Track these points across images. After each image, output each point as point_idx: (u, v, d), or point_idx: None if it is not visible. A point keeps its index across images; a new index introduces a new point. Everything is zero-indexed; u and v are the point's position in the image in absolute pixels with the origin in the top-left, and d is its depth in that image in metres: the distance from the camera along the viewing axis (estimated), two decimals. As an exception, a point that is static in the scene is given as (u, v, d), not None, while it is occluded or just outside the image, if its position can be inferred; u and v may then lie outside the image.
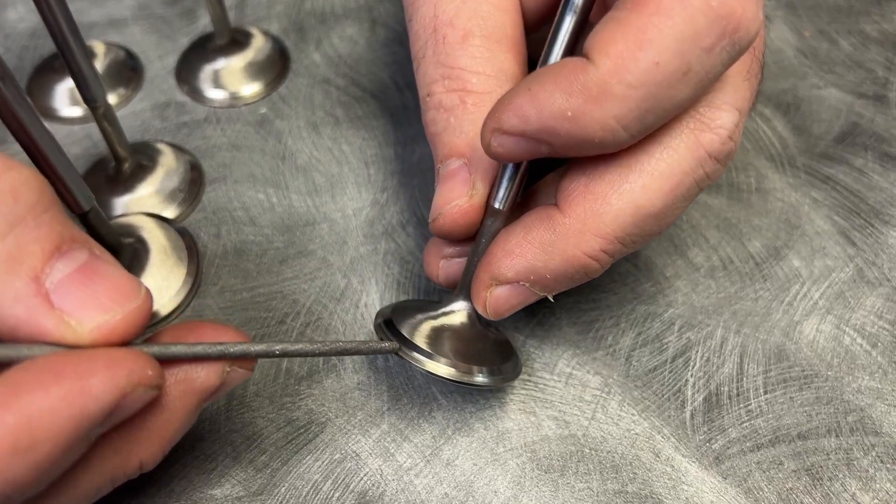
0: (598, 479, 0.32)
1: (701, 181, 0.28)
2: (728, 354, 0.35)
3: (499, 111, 0.26)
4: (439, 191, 0.31)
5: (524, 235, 0.29)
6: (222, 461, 0.32)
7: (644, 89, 0.24)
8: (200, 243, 0.39)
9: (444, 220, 0.31)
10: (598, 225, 0.27)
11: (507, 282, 0.29)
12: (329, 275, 0.38)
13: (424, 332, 0.31)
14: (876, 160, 0.41)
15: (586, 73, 0.24)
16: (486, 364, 0.31)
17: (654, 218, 0.27)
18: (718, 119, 0.27)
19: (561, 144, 0.26)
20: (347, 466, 0.32)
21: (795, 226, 0.39)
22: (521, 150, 0.27)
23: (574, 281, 0.29)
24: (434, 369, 0.29)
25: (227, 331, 0.28)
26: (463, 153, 0.31)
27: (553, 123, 0.25)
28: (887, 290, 0.37)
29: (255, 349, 0.27)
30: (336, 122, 0.44)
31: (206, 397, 0.27)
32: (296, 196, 0.41)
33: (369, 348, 0.30)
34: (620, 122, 0.24)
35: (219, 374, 0.27)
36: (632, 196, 0.27)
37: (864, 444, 0.32)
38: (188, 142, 0.43)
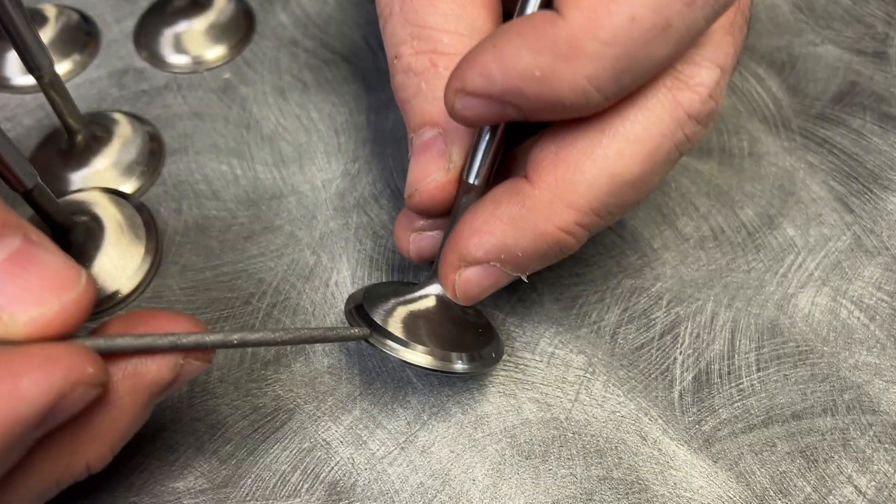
0: (581, 464, 0.30)
1: (681, 144, 0.25)
2: (719, 330, 0.33)
3: (462, 70, 0.24)
4: (413, 164, 0.29)
5: (492, 211, 0.26)
6: (185, 452, 0.31)
7: (619, 47, 0.22)
8: (160, 219, 0.37)
9: (421, 197, 0.29)
10: (570, 196, 0.25)
11: (477, 262, 0.27)
12: (297, 251, 0.35)
13: (399, 318, 0.29)
14: (875, 121, 0.39)
15: (555, 28, 0.22)
16: (466, 349, 0.29)
17: (632, 186, 0.25)
18: (698, 77, 0.25)
19: (529, 107, 0.23)
20: (317, 455, 0.30)
21: (790, 192, 0.37)
22: (488, 113, 0.24)
23: (548, 258, 0.27)
24: (409, 358, 0.28)
25: (182, 319, 0.26)
26: (437, 122, 0.28)
27: (520, 84, 0.23)
28: (886, 259, 0.35)
29: (210, 339, 0.25)
30: (304, 88, 0.41)
31: (159, 392, 0.25)
32: (261, 167, 0.38)
33: (337, 335, 0.28)
34: (593, 82, 0.22)
35: (171, 368, 0.25)
36: (606, 163, 0.25)
37: (861, 423, 0.31)
38: (147, 111, 0.41)
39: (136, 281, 0.34)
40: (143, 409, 0.25)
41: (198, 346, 0.25)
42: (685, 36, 0.23)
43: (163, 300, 0.34)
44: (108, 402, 0.24)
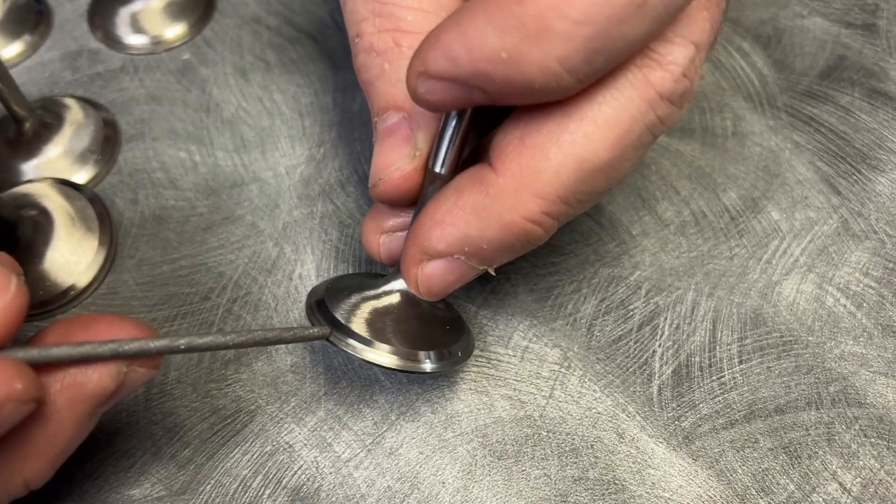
0: (556, 464, 0.29)
1: (653, 127, 0.24)
2: (700, 321, 0.32)
3: (424, 51, 0.22)
4: (378, 151, 0.27)
5: (455, 201, 0.25)
6: (141, 457, 0.29)
7: (592, 26, 0.20)
8: (115, 210, 0.35)
9: (386, 187, 0.27)
10: (536, 184, 0.23)
11: (439, 255, 0.25)
12: (259, 243, 0.34)
13: (363, 315, 0.27)
14: (864, 97, 0.38)
15: (522, 6, 0.20)
16: (434, 346, 0.27)
17: (601, 172, 0.24)
18: (670, 54, 0.23)
19: (497, 91, 0.22)
20: (279, 459, 0.29)
21: (775, 174, 0.35)
22: (453, 98, 0.23)
23: (516, 250, 0.25)
24: (373, 358, 0.26)
25: (125, 323, 0.24)
26: (401, 106, 0.27)
27: (485, 66, 0.21)
28: (874, 243, 0.33)
29: (154, 345, 0.23)
30: (267, 68, 0.39)
31: (102, 403, 0.24)
32: (221, 154, 0.36)
33: (294, 336, 0.26)
34: (564, 64, 0.20)
35: (114, 377, 0.23)
36: (573, 148, 0.23)
37: (847, 416, 0.30)
38: (102, 95, 0.39)
39: (89, 277, 0.33)
40: (85, 422, 0.24)
41: (141, 353, 0.23)
42: (662, 13, 0.21)
43: (118, 296, 0.33)
44: (45, 415, 0.22)
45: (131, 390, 0.24)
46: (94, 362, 0.23)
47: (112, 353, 0.23)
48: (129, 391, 0.24)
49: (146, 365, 0.24)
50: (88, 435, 0.26)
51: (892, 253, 0.33)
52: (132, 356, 0.23)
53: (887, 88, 0.38)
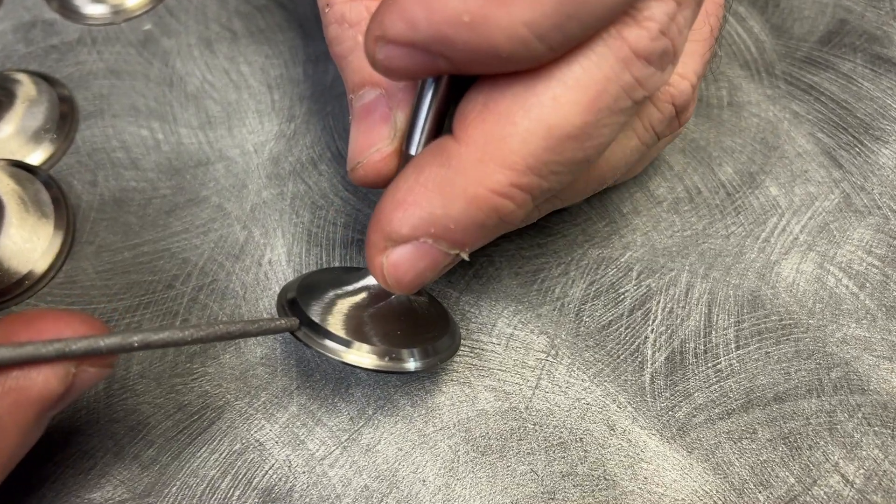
0: (542, 459, 0.27)
1: (630, 89, 0.21)
2: (694, 304, 0.30)
3: (382, 14, 0.20)
4: (355, 132, 0.26)
5: (416, 178, 0.22)
6: (102, 458, 0.27)
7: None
8: (73, 193, 0.33)
9: (365, 170, 0.25)
10: (502, 152, 0.21)
11: (404, 240, 0.23)
12: (226, 226, 0.32)
13: (339, 313, 0.25)
14: (866, 63, 0.36)
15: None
16: (418, 344, 0.25)
17: (575, 139, 0.21)
18: (646, 10, 0.21)
19: (461, 58, 0.20)
20: (249, 458, 0.27)
21: (773, 146, 0.33)
22: (414, 65, 0.21)
23: (488, 229, 0.23)
24: (354, 360, 0.24)
25: (72, 320, 0.22)
26: (378, 81, 0.25)
27: (447, 30, 0.19)
28: (877, 219, 0.32)
29: (104, 343, 0.21)
30: (234, 38, 0.37)
31: (50, 407, 0.22)
32: (185, 131, 0.34)
33: (259, 328, 0.24)
34: (533, 29, 0.19)
35: (61, 379, 0.21)
36: (541, 112, 0.21)
37: (849, 404, 0.28)
38: (58, 69, 0.36)
39: (45, 265, 0.31)
40: (30, 428, 0.22)
41: (90, 352, 0.21)
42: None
43: (76, 286, 0.31)
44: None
45: (82, 392, 0.23)
46: (38, 364, 0.21)
47: (58, 354, 0.21)
48: (80, 393, 0.23)
49: (97, 364, 0.22)
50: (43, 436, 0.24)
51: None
52: (81, 356, 0.21)
53: (891, 54, 0.36)
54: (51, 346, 0.21)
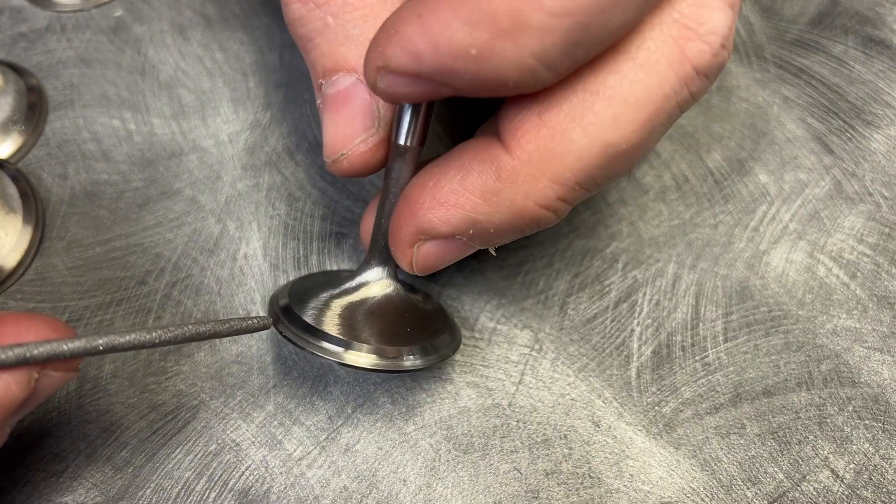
0: (526, 457, 0.26)
1: (684, 104, 0.21)
2: (681, 296, 0.29)
3: (383, 44, 0.19)
4: (332, 121, 0.24)
5: (461, 181, 0.22)
6: (74, 460, 0.27)
7: (571, 18, 0.17)
8: (43, 187, 0.32)
9: (352, 162, 0.24)
10: (555, 168, 0.21)
11: (440, 237, 0.23)
12: (199, 220, 0.31)
13: (335, 315, 0.24)
14: (858, 46, 0.35)
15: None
16: (417, 342, 0.25)
17: (626, 155, 0.21)
18: (709, 22, 0.20)
19: (467, 87, 0.19)
20: (225, 459, 0.26)
21: (763, 132, 0.32)
22: (417, 92, 0.20)
23: (523, 233, 0.23)
24: (354, 361, 0.23)
25: (34, 322, 0.21)
26: (354, 66, 0.23)
27: (453, 63, 0.18)
28: (869, 206, 0.31)
29: (68, 347, 0.20)
30: (207, 23, 0.36)
31: (12, 413, 0.21)
32: (158, 121, 0.33)
33: (231, 328, 0.23)
34: (542, 59, 0.18)
35: (23, 384, 0.21)
36: (600, 131, 0.20)
37: (840, 397, 0.27)
38: (26, 58, 0.35)
39: (13, 261, 0.30)
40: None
41: (53, 357, 0.20)
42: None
43: (47, 283, 0.30)
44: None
45: (46, 397, 0.22)
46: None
47: (19, 360, 0.20)
48: (44, 398, 0.22)
49: (61, 368, 0.21)
50: (13, 438, 0.24)
51: (889, 217, 0.31)
52: (43, 361, 0.20)
53: (883, 36, 0.35)
54: (11, 351, 0.20)
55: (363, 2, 0.23)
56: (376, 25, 0.22)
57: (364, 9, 0.23)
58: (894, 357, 0.28)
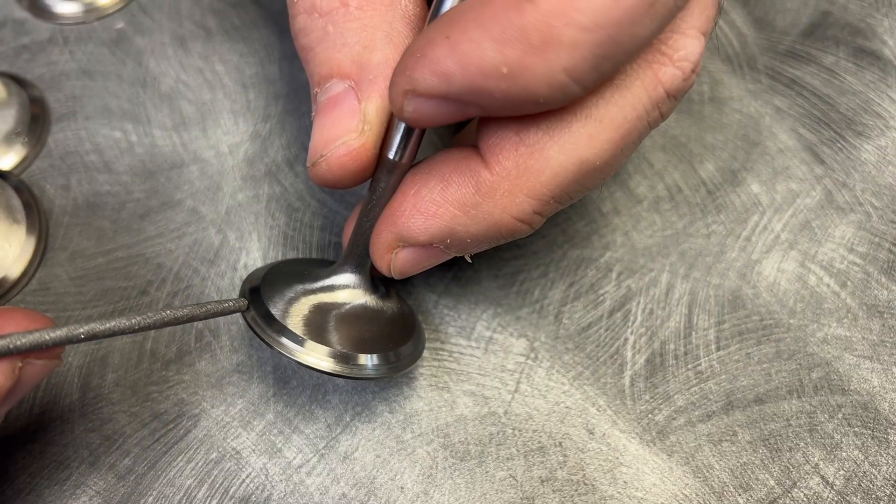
0: (521, 464, 0.27)
1: (654, 123, 0.22)
2: (675, 305, 0.30)
3: (411, 67, 0.20)
4: (319, 124, 0.24)
5: (441, 192, 0.23)
6: (77, 468, 0.27)
7: (600, 31, 0.18)
8: (46, 198, 0.32)
9: (329, 165, 0.23)
10: (532, 184, 0.22)
11: (418, 245, 0.24)
12: (200, 230, 0.31)
13: (301, 311, 0.25)
14: (849, 57, 0.35)
15: (522, 15, 0.18)
16: (379, 350, 0.25)
17: (600, 171, 0.22)
18: (682, 49, 0.21)
19: (495, 106, 0.20)
20: (226, 467, 0.27)
21: (755, 142, 0.33)
22: (444, 115, 0.21)
23: (498, 243, 0.24)
24: (309, 361, 0.24)
25: (15, 315, 0.22)
26: (347, 73, 0.24)
27: (483, 82, 0.19)
28: (859, 216, 0.31)
29: (50, 336, 0.21)
30: (208, 36, 0.36)
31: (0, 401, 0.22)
32: (159, 132, 0.33)
33: (208, 312, 0.24)
34: (572, 74, 0.18)
35: (7, 374, 0.21)
36: (575, 148, 0.21)
37: (830, 404, 0.28)
38: (29, 70, 0.35)
39: (17, 272, 0.30)
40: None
41: (37, 346, 0.21)
42: (673, 9, 0.19)
43: (50, 293, 0.30)
44: None
45: (32, 385, 0.23)
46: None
47: (2, 351, 0.21)
48: (30, 386, 0.22)
49: (44, 357, 0.22)
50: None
51: (879, 226, 0.31)
52: (27, 351, 0.21)
53: (874, 47, 0.35)
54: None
55: (363, 12, 0.23)
56: (374, 35, 0.23)
57: (364, 19, 0.23)
58: (884, 365, 0.28)
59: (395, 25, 0.23)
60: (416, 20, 0.23)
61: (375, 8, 0.23)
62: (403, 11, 0.23)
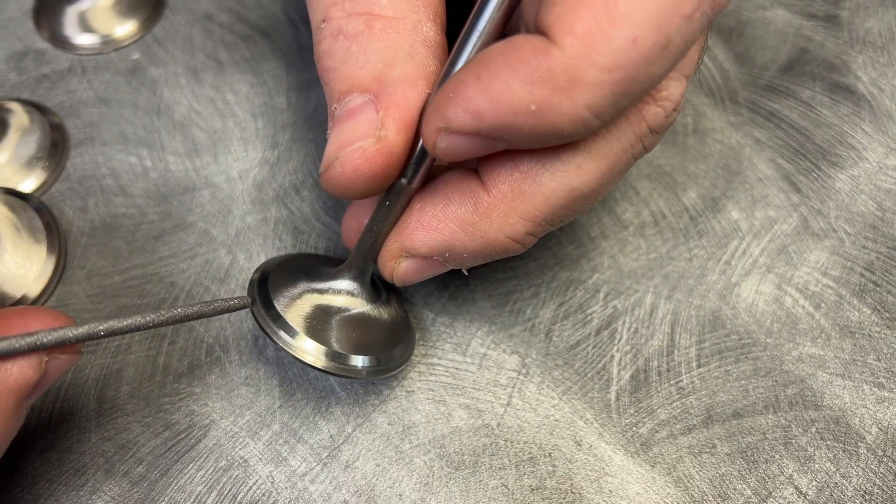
0: (513, 474, 0.29)
1: (638, 155, 0.25)
2: (658, 324, 0.31)
3: (444, 106, 0.21)
4: (336, 132, 0.24)
5: (443, 209, 0.25)
6: (93, 475, 0.29)
7: (620, 71, 0.20)
8: (64, 219, 0.34)
9: (344, 167, 0.24)
10: (525, 207, 0.24)
11: (419, 256, 0.26)
12: (211, 251, 0.33)
13: (304, 308, 0.27)
14: (825, 92, 0.37)
15: (550, 58, 0.20)
16: (373, 351, 0.27)
17: (587, 197, 0.24)
18: (665, 90, 0.23)
19: (521, 140, 0.22)
20: (234, 475, 0.29)
21: (735, 172, 0.35)
22: (473, 150, 0.22)
23: (492, 259, 0.26)
24: (304, 357, 0.26)
25: (42, 314, 0.24)
26: (367, 87, 0.24)
27: (513, 120, 0.21)
28: (833, 241, 0.33)
29: (73, 333, 0.24)
30: (219, 67, 0.38)
31: (27, 395, 0.24)
32: (173, 158, 0.35)
33: (215, 308, 0.26)
34: (594, 110, 0.20)
35: (35, 367, 0.23)
36: (566, 177, 0.23)
37: (804, 419, 0.30)
38: (50, 98, 0.37)
39: (38, 289, 0.32)
40: (11, 415, 0.24)
41: (61, 342, 0.23)
42: (683, 51, 0.21)
43: (68, 309, 0.32)
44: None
45: (56, 378, 0.25)
46: (13, 357, 0.23)
47: (31, 347, 0.23)
48: (54, 379, 0.25)
49: (67, 352, 0.24)
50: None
51: (851, 252, 0.33)
52: (52, 346, 0.23)
53: (848, 82, 0.37)
54: (23, 340, 0.23)
55: (387, 34, 0.24)
56: (395, 54, 0.24)
57: (387, 40, 0.24)
58: (855, 382, 0.30)
59: (416, 47, 0.24)
60: (437, 48, 0.25)
61: (399, 31, 0.24)
62: (425, 37, 0.25)
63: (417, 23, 0.25)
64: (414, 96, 0.24)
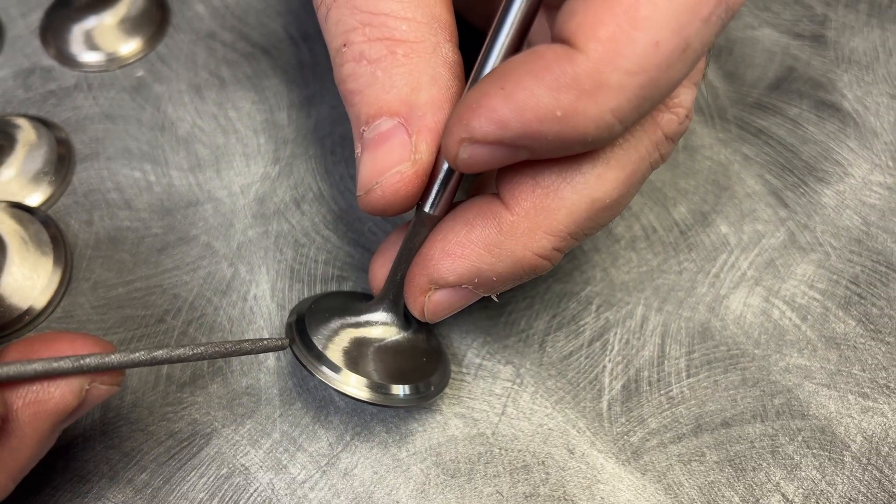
0: (507, 481, 0.29)
1: (655, 164, 0.25)
2: (649, 335, 0.32)
3: (467, 117, 0.22)
4: (370, 157, 0.25)
5: (466, 235, 0.25)
6: (97, 482, 0.29)
7: (643, 75, 0.20)
8: (70, 232, 0.35)
9: (384, 191, 0.25)
10: (549, 222, 0.24)
11: (448, 286, 0.26)
12: (213, 263, 0.34)
13: (342, 343, 0.28)
14: (811, 109, 0.38)
15: (574, 64, 0.20)
16: (411, 380, 0.28)
17: (609, 209, 0.25)
18: (677, 97, 0.24)
19: (546, 148, 0.22)
20: (235, 482, 0.29)
21: (724, 187, 0.36)
22: (497, 159, 0.23)
23: (522, 280, 0.26)
24: (348, 391, 0.27)
25: (86, 340, 0.25)
26: (396, 111, 0.25)
27: (538, 126, 0.21)
28: (819, 255, 0.34)
29: (114, 359, 0.24)
30: (222, 84, 0.39)
31: (63, 419, 0.24)
32: (176, 173, 0.36)
33: (253, 347, 0.26)
34: (617, 115, 0.21)
35: (76, 393, 0.24)
36: (586, 189, 0.24)
37: (790, 428, 0.30)
38: (56, 113, 0.38)
39: (44, 300, 0.33)
40: (46, 437, 0.24)
41: (101, 367, 0.24)
42: (700, 53, 0.21)
43: (74, 320, 0.33)
44: (8, 431, 0.23)
45: (91, 406, 0.25)
46: (56, 378, 0.23)
47: (73, 368, 0.23)
48: (90, 407, 0.25)
49: (108, 381, 0.25)
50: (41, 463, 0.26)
51: (837, 265, 0.34)
52: (93, 370, 0.24)
53: (834, 100, 0.38)
54: (67, 361, 0.23)
55: (409, 59, 0.25)
56: (420, 78, 0.25)
57: (410, 65, 0.25)
58: (840, 392, 0.31)
59: (438, 70, 0.25)
60: (456, 67, 0.26)
61: (420, 55, 0.25)
62: (444, 58, 0.25)
63: (437, 45, 0.25)
64: (443, 120, 0.25)
